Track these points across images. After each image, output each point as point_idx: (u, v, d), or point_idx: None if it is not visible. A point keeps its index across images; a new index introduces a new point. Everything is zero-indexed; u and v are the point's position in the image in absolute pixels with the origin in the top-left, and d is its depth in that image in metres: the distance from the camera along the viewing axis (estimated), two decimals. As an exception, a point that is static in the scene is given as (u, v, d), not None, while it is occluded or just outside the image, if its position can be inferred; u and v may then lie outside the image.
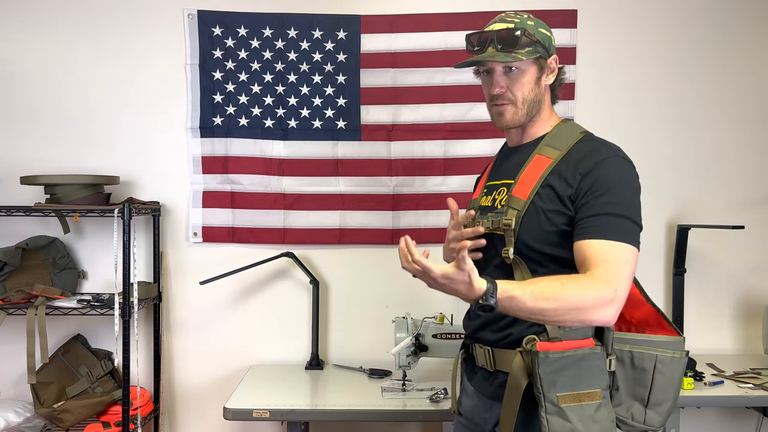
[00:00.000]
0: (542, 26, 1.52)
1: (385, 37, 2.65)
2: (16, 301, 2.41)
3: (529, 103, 1.50)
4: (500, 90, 1.50)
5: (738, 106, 2.72)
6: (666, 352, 1.42)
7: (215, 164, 2.68)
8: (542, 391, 1.36)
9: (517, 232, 1.44)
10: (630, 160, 1.46)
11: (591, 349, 1.40)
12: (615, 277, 1.32)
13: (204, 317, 2.71)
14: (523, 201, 1.45)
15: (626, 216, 1.38)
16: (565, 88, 2.62)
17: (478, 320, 1.56)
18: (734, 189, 2.72)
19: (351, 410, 2.12)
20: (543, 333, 1.41)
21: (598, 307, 1.31)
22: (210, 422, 2.69)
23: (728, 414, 2.74)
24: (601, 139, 1.51)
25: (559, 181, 1.43)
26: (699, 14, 2.70)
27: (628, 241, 1.36)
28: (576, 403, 1.36)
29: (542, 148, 1.49)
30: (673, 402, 1.44)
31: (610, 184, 1.39)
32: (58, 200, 2.40)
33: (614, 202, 1.37)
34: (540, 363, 1.36)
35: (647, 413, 1.43)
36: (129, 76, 2.67)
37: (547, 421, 1.35)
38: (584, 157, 1.43)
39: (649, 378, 1.41)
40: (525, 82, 1.49)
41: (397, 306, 2.67)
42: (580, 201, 1.40)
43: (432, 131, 2.67)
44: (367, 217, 2.69)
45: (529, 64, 1.49)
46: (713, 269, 2.73)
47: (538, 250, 1.43)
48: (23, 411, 2.47)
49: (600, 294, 1.31)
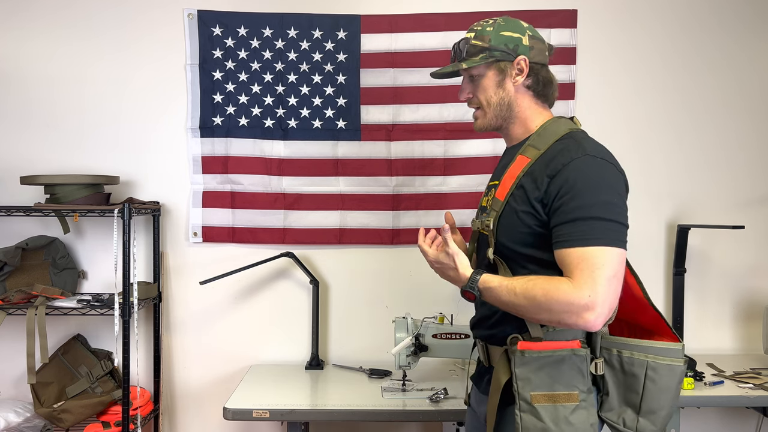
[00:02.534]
0: (509, 29, 1.52)
1: (385, 37, 2.65)
2: (16, 301, 2.41)
3: (494, 106, 1.54)
4: (466, 96, 1.59)
5: (739, 106, 2.72)
6: (659, 358, 1.39)
7: (215, 164, 2.68)
8: (517, 389, 1.39)
9: (496, 233, 1.47)
10: (604, 157, 1.40)
11: (572, 351, 1.40)
12: (589, 283, 1.30)
13: (204, 317, 2.71)
14: (501, 202, 1.47)
15: (598, 217, 1.33)
16: (565, 88, 2.68)
17: (475, 316, 1.62)
18: (734, 189, 2.72)
19: (351, 410, 2.12)
20: (527, 332, 1.43)
21: (568, 312, 1.30)
22: (210, 422, 2.69)
23: (728, 414, 2.74)
24: (580, 136, 1.46)
25: (531, 182, 1.43)
26: (700, 13, 2.70)
27: (602, 243, 1.32)
28: (550, 403, 1.37)
29: (525, 149, 1.49)
30: (668, 411, 1.41)
31: (579, 186, 1.35)
32: (58, 200, 2.40)
33: (583, 205, 1.34)
34: (516, 361, 1.40)
35: (639, 420, 1.41)
36: (129, 76, 2.67)
37: (520, 418, 1.38)
38: (554, 158, 1.41)
39: (641, 384, 1.39)
40: (485, 86, 1.54)
41: (397, 306, 2.67)
42: (552, 206, 1.38)
43: (432, 131, 2.67)
44: (367, 217, 2.69)
45: (485, 69, 1.53)
46: (713, 269, 2.73)
47: (514, 251, 1.45)
48: (23, 411, 2.47)
49: (569, 299, 1.30)
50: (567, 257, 1.34)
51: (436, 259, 1.51)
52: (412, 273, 2.70)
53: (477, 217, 1.61)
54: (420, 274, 2.70)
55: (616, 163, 1.42)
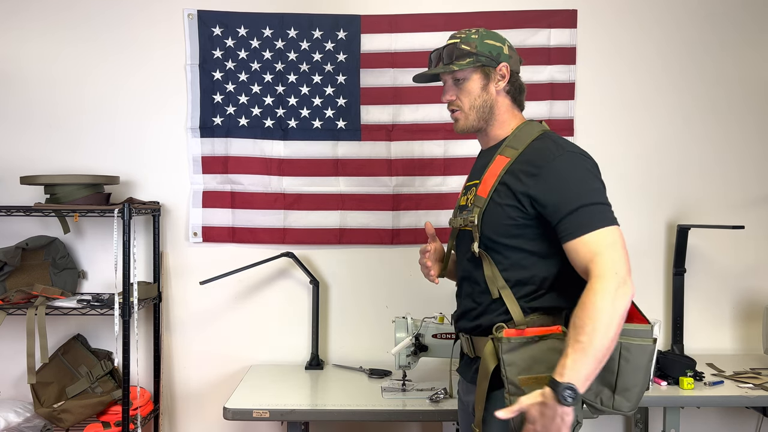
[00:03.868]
0: (491, 38, 1.62)
1: (385, 37, 2.65)
2: (16, 301, 2.41)
3: (477, 109, 1.62)
4: (448, 98, 1.65)
5: (739, 106, 2.72)
6: (632, 339, 1.46)
7: (215, 164, 2.68)
8: (505, 374, 1.47)
9: (480, 228, 1.56)
10: (581, 152, 1.53)
11: (554, 335, 1.48)
12: (609, 264, 1.39)
13: (204, 317, 2.71)
14: (484, 198, 1.57)
15: (592, 202, 1.45)
16: (564, 88, 2.68)
17: (458, 310, 1.70)
18: (734, 189, 2.73)
19: (351, 410, 2.12)
20: (510, 321, 1.52)
21: (616, 299, 1.37)
22: (210, 422, 2.69)
23: (728, 414, 2.74)
24: (555, 137, 1.58)
25: (513, 178, 1.53)
26: (699, 14, 2.70)
27: (604, 224, 1.43)
28: (537, 385, 1.42)
29: (503, 149, 1.59)
30: (641, 387, 1.48)
31: (567, 180, 1.47)
32: (58, 200, 2.40)
33: (576, 195, 1.45)
34: (503, 347, 1.47)
35: (615, 398, 1.47)
36: (129, 76, 2.67)
37: (509, 401, 1.44)
38: (535, 157, 1.52)
39: (616, 364, 1.45)
40: (470, 89, 1.61)
41: (397, 306, 2.67)
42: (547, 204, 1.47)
43: (432, 131, 2.67)
44: (367, 217, 2.69)
45: (470, 73, 1.61)
46: (713, 269, 2.73)
47: (499, 242, 1.54)
48: (23, 411, 2.47)
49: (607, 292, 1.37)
50: (580, 246, 1.43)
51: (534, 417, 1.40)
52: (412, 273, 2.70)
53: (456, 216, 1.71)
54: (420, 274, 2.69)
55: (590, 155, 1.55)
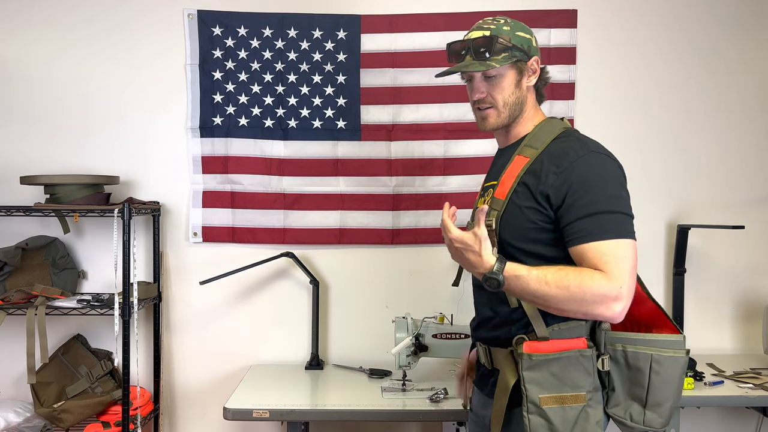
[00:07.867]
0: (521, 29, 1.52)
1: (385, 37, 2.65)
2: (16, 301, 2.41)
3: (510, 106, 1.52)
4: (480, 95, 1.53)
5: (739, 107, 2.71)
6: (663, 351, 1.40)
7: (215, 164, 2.68)
8: (525, 392, 1.39)
9: (498, 232, 1.46)
10: (607, 153, 1.44)
11: (578, 351, 1.41)
12: (617, 275, 1.32)
13: (204, 317, 2.71)
14: (502, 201, 1.47)
15: (613, 210, 1.37)
16: (564, 88, 2.67)
17: (476, 319, 1.60)
18: (734, 189, 2.72)
19: (351, 410, 2.12)
20: (532, 332, 1.42)
21: (600, 303, 1.31)
22: (210, 422, 2.69)
23: (728, 414, 2.74)
24: (578, 135, 1.49)
25: (533, 179, 1.44)
26: (700, 14, 2.70)
27: (621, 236, 1.36)
28: (558, 405, 1.37)
29: (522, 149, 1.51)
30: (674, 402, 1.43)
31: (590, 182, 1.38)
32: (58, 200, 2.40)
33: (597, 200, 1.37)
34: (524, 364, 1.39)
35: (646, 414, 1.42)
36: (129, 76, 2.66)
37: (528, 420, 1.38)
38: (558, 156, 1.43)
39: (646, 378, 1.40)
40: (504, 86, 1.51)
41: (397, 306, 2.67)
42: (564, 203, 1.39)
43: (432, 131, 2.67)
44: (367, 217, 2.69)
45: (506, 69, 1.50)
46: (713, 269, 2.73)
47: (518, 248, 1.45)
48: (23, 411, 2.47)
49: (602, 290, 1.31)
50: (589, 251, 1.35)
51: (459, 239, 1.36)
52: (412, 273, 2.70)
53: (473, 219, 1.60)
54: (420, 274, 2.71)
55: (616, 159, 1.45)
